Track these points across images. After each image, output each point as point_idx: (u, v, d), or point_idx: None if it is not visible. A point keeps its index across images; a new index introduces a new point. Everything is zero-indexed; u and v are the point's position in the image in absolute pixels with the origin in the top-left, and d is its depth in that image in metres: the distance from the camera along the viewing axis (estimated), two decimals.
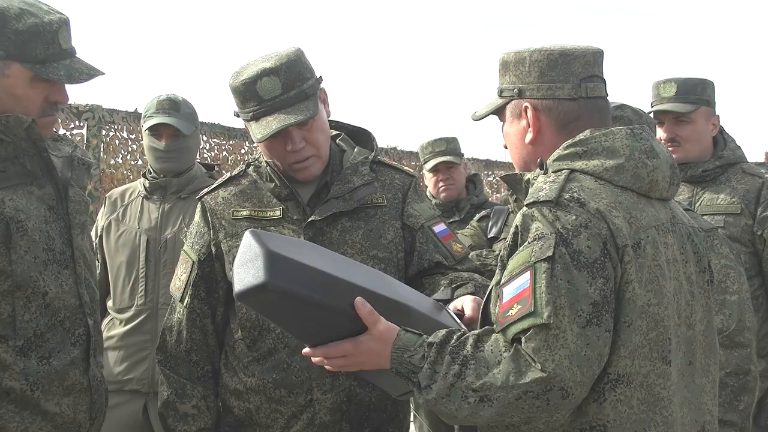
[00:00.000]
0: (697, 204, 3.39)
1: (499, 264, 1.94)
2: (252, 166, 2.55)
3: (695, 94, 3.43)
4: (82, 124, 7.34)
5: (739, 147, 3.51)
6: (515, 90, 2.01)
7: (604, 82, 2.03)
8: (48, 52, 2.17)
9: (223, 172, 9.27)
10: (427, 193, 4.71)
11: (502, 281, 1.86)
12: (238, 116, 2.48)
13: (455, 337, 1.87)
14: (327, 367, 2.04)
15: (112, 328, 3.46)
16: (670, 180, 1.97)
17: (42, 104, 2.22)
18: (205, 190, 2.59)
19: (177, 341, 2.52)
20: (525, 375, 1.74)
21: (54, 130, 2.39)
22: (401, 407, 2.55)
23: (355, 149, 2.59)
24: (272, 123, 2.37)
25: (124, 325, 3.44)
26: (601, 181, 1.88)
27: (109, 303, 3.49)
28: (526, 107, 1.99)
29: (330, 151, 2.52)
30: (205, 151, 8.49)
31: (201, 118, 3.69)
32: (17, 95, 2.17)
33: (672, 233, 1.94)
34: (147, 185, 3.55)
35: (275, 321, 2.08)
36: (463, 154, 4.88)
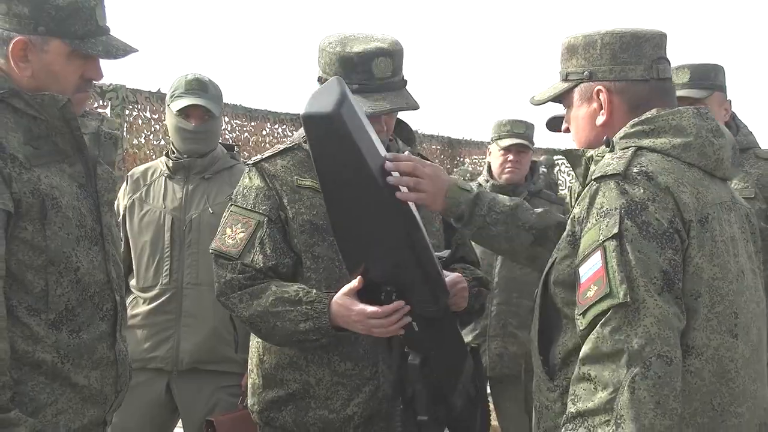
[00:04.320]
0: None
1: (567, 231, 1.96)
2: None
3: (708, 79, 3.44)
4: (105, 103, 7.39)
5: (751, 132, 3.53)
6: (585, 73, 2.02)
7: (669, 63, 2.05)
8: (86, 28, 2.21)
9: (244, 153, 9.25)
10: (485, 170, 4.61)
11: (577, 261, 1.88)
12: (320, 81, 2.46)
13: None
14: (402, 182, 2.13)
15: (136, 306, 3.47)
16: (732, 160, 1.99)
17: (77, 81, 2.26)
18: (259, 157, 2.58)
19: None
20: (619, 368, 1.74)
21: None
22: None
23: (400, 141, 2.65)
24: (383, 102, 2.40)
25: (149, 304, 3.46)
26: (668, 158, 1.90)
27: (132, 282, 3.50)
28: (599, 90, 2.00)
29: None
30: (226, 132, 8.49)
31: (223, 99, 3.68)
32: (54, 71, 2.21)
33: (734, 212, 1.97)
34: (170, 165, 3.54)
35: (318, 160, 2.14)
36: (534, 143, 4.72)
